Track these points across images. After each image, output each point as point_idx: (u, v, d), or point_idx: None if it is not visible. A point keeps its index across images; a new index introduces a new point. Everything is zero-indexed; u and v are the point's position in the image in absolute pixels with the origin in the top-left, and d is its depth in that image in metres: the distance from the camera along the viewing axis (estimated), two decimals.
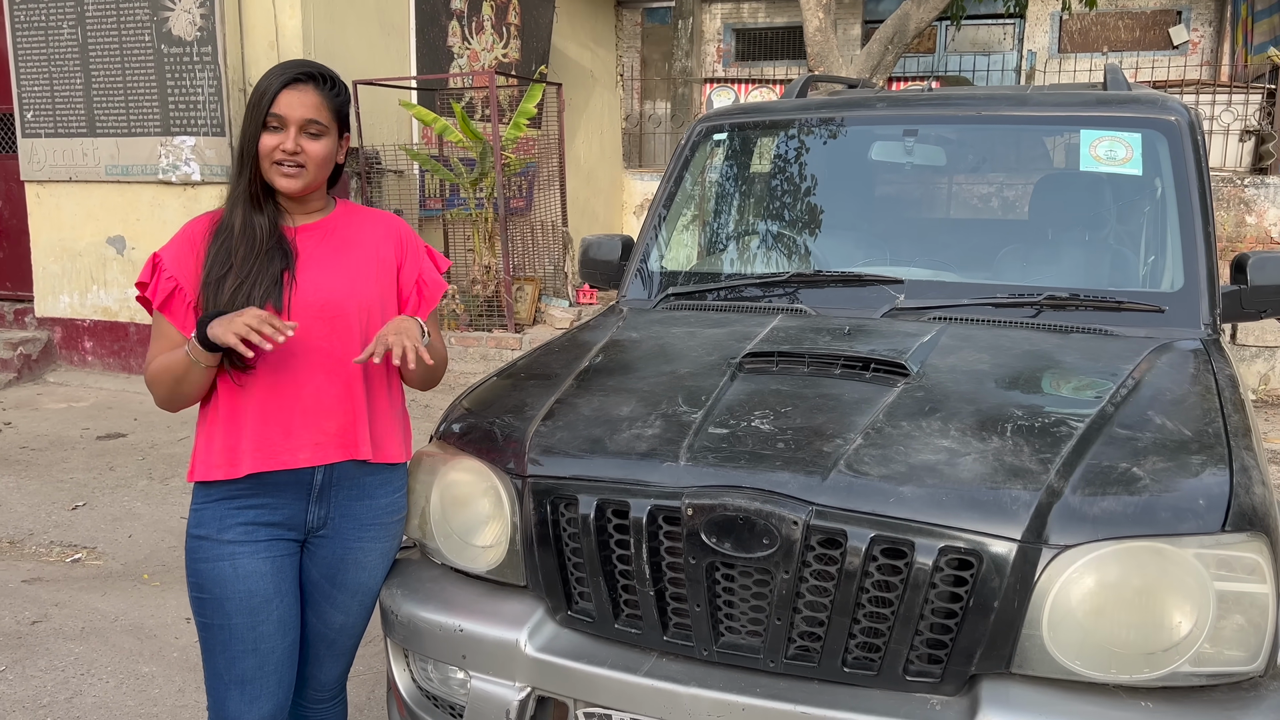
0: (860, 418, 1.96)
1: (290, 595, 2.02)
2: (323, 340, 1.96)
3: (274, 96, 1.91)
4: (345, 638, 2.17)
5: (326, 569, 2.08)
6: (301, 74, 1.94)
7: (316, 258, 2.00)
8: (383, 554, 2.14)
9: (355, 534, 2.07)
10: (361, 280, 2.02)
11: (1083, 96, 3.06)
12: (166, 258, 1.95)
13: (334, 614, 2.12)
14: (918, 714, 1.70)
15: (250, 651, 1.97)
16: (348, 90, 2.05)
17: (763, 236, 3.23)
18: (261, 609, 1.96)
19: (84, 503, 4.96)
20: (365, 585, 2.13)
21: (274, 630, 1.99)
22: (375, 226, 2.11)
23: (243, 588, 1.95)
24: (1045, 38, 11.80)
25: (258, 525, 1.97)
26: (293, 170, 1.94)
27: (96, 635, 3.56)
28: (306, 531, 2.04)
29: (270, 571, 1.97)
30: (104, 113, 7.20)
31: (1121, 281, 2.82)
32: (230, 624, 1.95)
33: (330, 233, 2.04)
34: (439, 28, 8.37)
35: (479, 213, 7.60)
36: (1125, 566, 1.66)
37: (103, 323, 7.57)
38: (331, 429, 1.98)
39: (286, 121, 1.92)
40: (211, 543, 1.96)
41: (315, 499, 2.01)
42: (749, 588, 1.82)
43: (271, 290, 1.92)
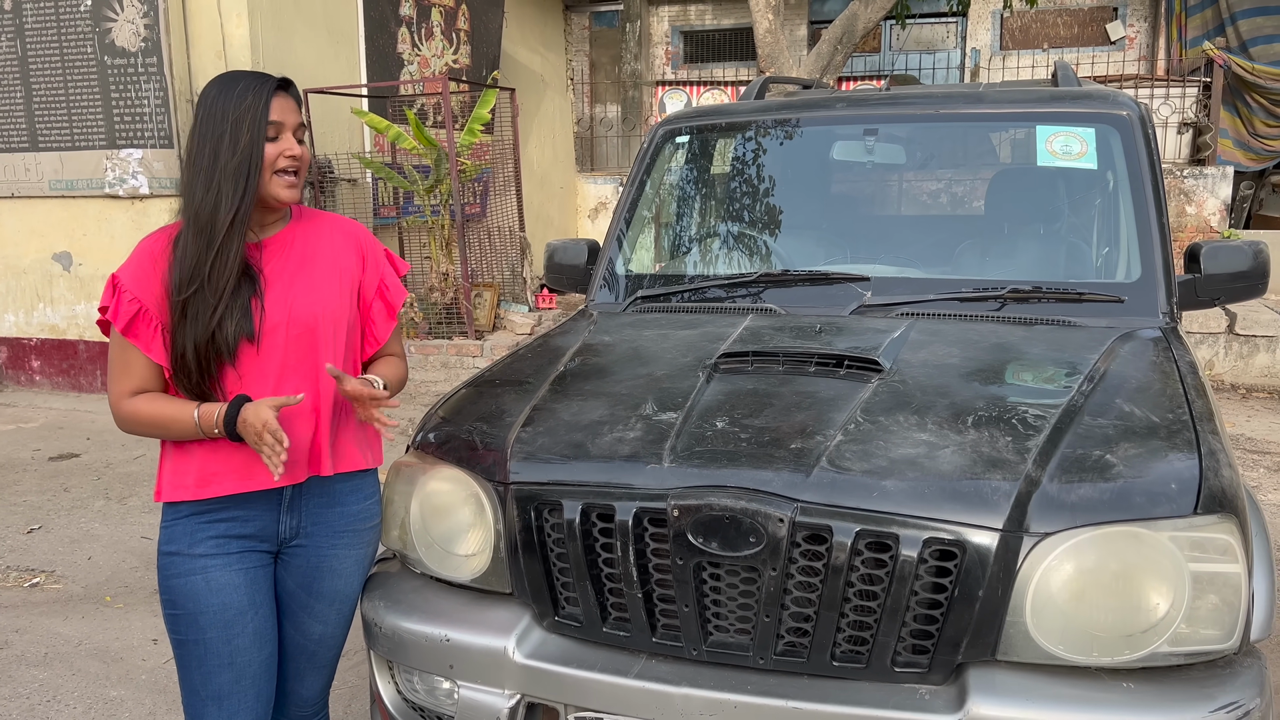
0: (838, 414, 1.99)
1: (265, 607, 1.99)
2: (287, 356, 1.94)
3: (268, 105, 1.87)
4: (325, 649, 2.14)
5: (302, 578, 2.05)
6: (284, 82, 1.93)
7: (282, 275, 1.96)
8: (358, 561, 2.11)
9: (329, 541, 2.05)
10: (327, 294, 2.00)
11: (1037, 93, 3.13)
12: (126, 278, 1.88)
13: (312, 624, 2.09)
14: (907, 704, 1.73)
15: (226, 666, 1.94)
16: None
17: (729, 238, 3.25)
18: (236, 621, 1.93)
19: (39, 525, 4.84)
20: (342, 593, 2.10)
21: (250, 643, 1.96)
22: (335, 234, 2.08)
23: (216, 601, 1.92)
24: (987, 35, 12.02)
25: (229, 538, 1.94)
26: (293, 179, 1.92)
27: (60, 660, 3.48)
28: (279, 542, 2.02)
29: (244, 584, 1.95)
30: (46, 126, 7.04)
31: (1081, 273, 2.88)
32: (205, 638, 1.92)
33: (291, 245, 2.00)
34: (388, 35, 8.30)
35: (435, 219, 7.55)
36: (1103, 551, 1.70)
37: (50, 341, 7.39)
38: (304, 446, 1.97)
39: (283, 127, 1.89)
40: (183, 557, 1.92)
41: (286, 509, 1.99)
42: (736, 586, 1.84)
43: (244, 322, 1.88)
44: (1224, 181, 9.19)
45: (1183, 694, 1.67)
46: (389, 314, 2.11)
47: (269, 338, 1.91)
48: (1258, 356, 7.38)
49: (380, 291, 2.10)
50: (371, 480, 2.13)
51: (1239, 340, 7.41)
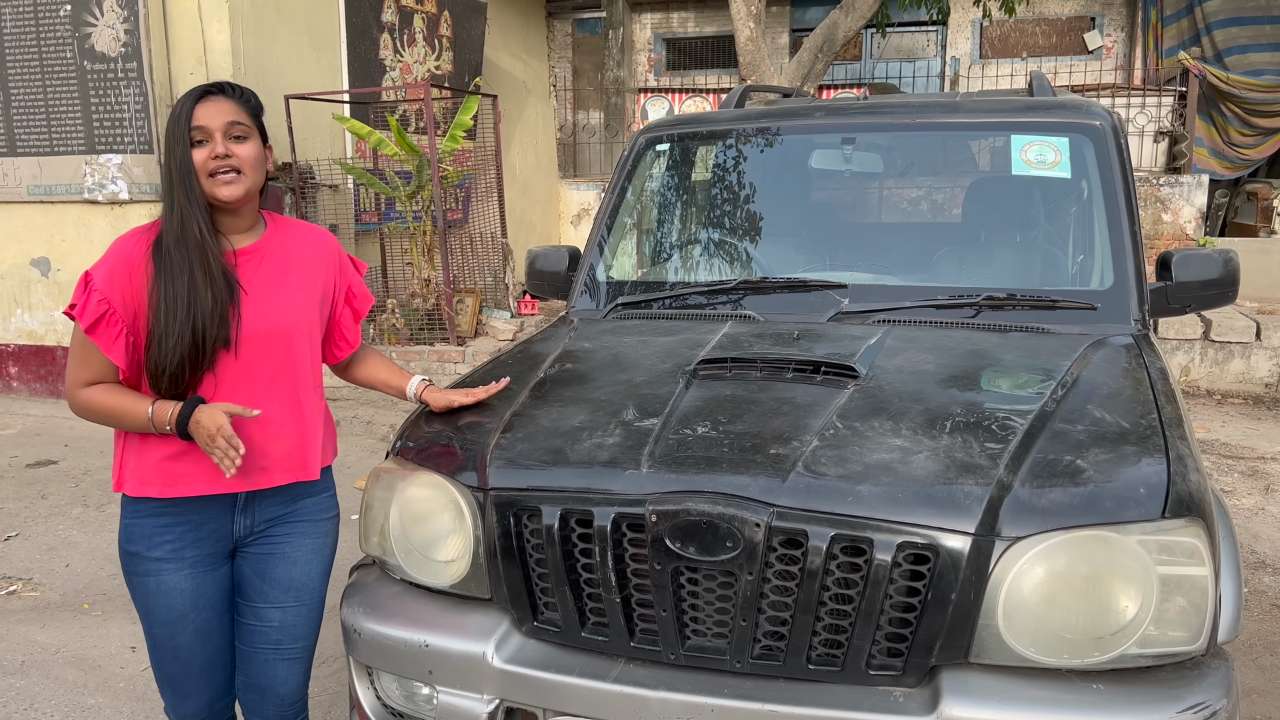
0: (815, 420, 2.01)
1: (209, 608, 2.09)
2: (268, 367, 2.00)
3: (190, 112, 1.93)
4: (289, 639, 2.17)
5: (256, 565, 2.12)
6: (213, 87, 1.97)
7: (258, 284, 2.01)
8: (313, 550, 2.17)
9: (282, 532, 2.13)
10: (303, 303, 2.07)
11: (1012, 103, 3.17)
12: (98, 278, 1.91)
13: (270, 611, 2.14)
14: (881, 707, 1.75)
15: (171, 659, 2.10)
16: (259, 100, 2.06)
17: (709, 245, 3.27)
18: (177, 622, 2.06)
19: (16, 533, 4.81)
20: (297, 580, 2.15)
21: (190, 640, 2.08)
22: (309, 244, 2.14)
23: (161, 603, 2.04)
24: (967, 44, 12.13)
25: (184, 544, 2.03)
26: (229, 176, 1.95)
27: (38, 668, 3.46)
28: (235, 541, 2.10)
29: (190, 588, 2.05)
30: (25, 131, 7.00)
31: (1055, 281, 2.92)
32: (154, 633, 2.09)
33: (267, 255, 2.05)
34: (370, 41, 8.30)
35: (417, 226, 7.54)
36: (1073, 555, 1.73)
37: (28, 347, 7.34)
38: (278, 453, 2.04)
39: (209, 131, 1.93)
40: (140, 559, 2.03)
41: (240, 511, 2.07)
42: (713, 590, 1.85)
43: (221, 330, 1.93)
44: (1199, 190, 9.30)
45: (1151, 695, 1.70)
46: (355, 319, 2.25)
47: (247, 346, 1.97)
48: (1232, 363, 7.47)
49: (349, 297, 2.22)
50: (325, 477, 2.21)
51: (1214, 346, 7.50)
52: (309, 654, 2.22)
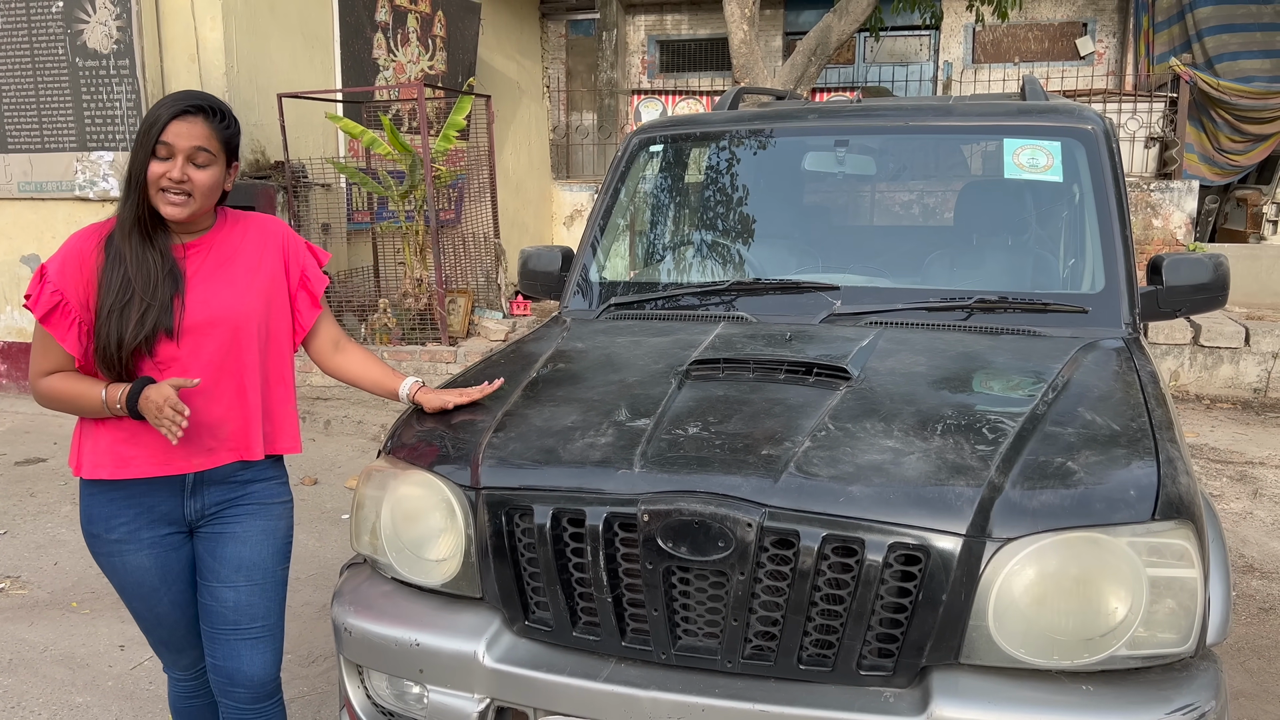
0: (807, 421, 2.02)
1: (180, 581, 2.19)
2: (214, 353, 2.07)
3: (164, 125, 1.97)
4: (246, 619, 2.19)
5: (208, 544, 2.18)
6: (192, 105, 2.00)
7: (203, 275, 2.09)
8: (264, 531, 2.21)
9: (233, 514, 2.18)
10: (246, 291, 2.12)
11: (1005, 107, 3.18)
12: (52, 270, 2.00)
13: (223, 590, 2.18)
14: (871, 707, 1.75)
15: (155, 626, 2.24)
16: (238, 124, 2.11)
17: (702, 246, 3.28)
18: (151, 595, 2.17)
19: (5, 531, 4.78)
20: (248, 560, 2.18)
21: (169, 610, 2.20)
22: (256, 233, 2.20)
23: (131, 580, 2.15)
24: (960, 49, 12.17)
25: (139, 525, 2.11)
26: (179, 199, 2.00)
27: (25, 667, 3.44)
28: (188, 523, 2.17)
29: (154, 566, 2.14)
30: (16, 128, 6.97)
31: (1046, 284, 2.93)
32: (133, 605, 2.21)
33: (213, 247, 2.13)
34: (364, 40, 8.28)
35: (409, 225, 7.53)
36: (1064, 557, 1.73)
37: (17, 344, 7.31)
38: (223, 435, 2.12)
39: (175, 150, 1.98)
40: (102, 540, 2.13)
41: (189, 494, 2.14)
42: (705, 590, 1.85)
43: (164, 317, 2.01)
44: (1190, 195, 9.34)
45: (1140, 696, 1.71)
46: (313, 303, 2.28)
47: (190, 333, 2.04)
48: (1221, 368, 7.51)
49: (303, 283, 2.25)
50: (275, 465, 2.27)
51: (1204, 351, 7.53)
52: (273, 635, 2.23)
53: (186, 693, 2.36)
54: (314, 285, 2.26)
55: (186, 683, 2.35)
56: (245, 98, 7.04)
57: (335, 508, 5.10)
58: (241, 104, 7.01)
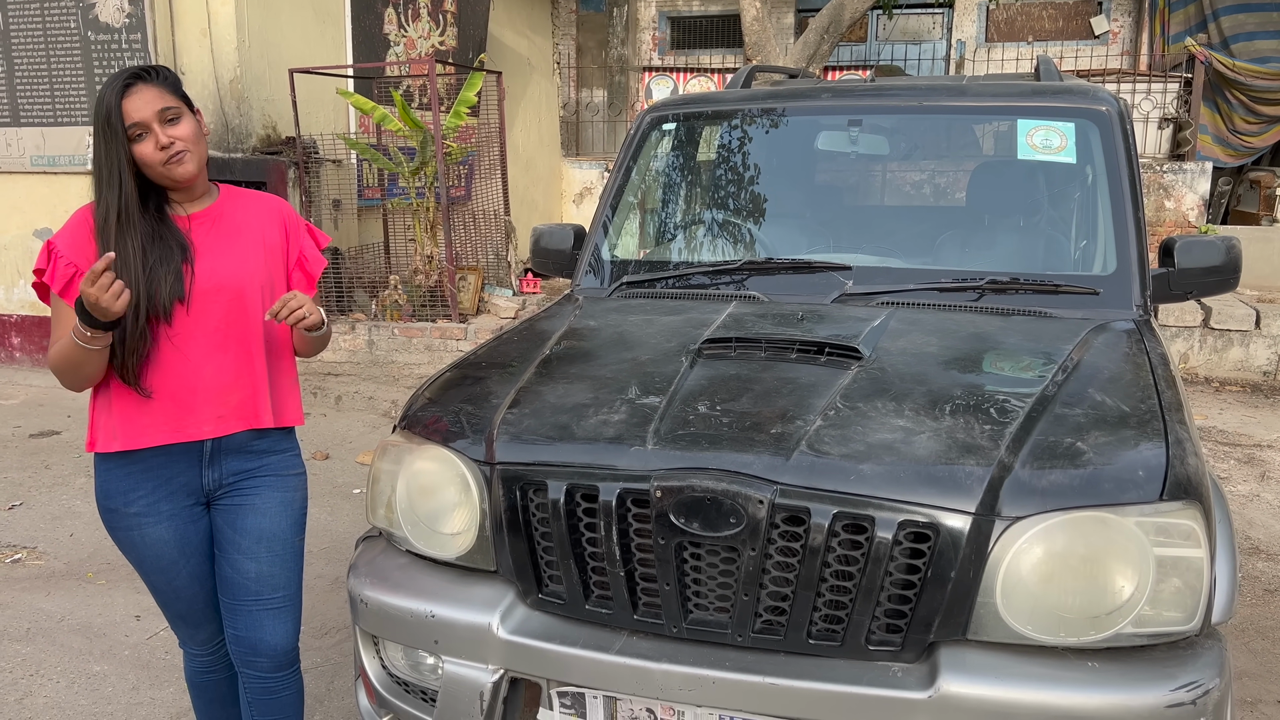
0: (818, 400, 2.03)
1: (198, 554, 2.22)
2: (221, 321, 2.11)
3: (120, 110, 1.98)
4: (268, 589, 2.23)
5: (228, 516, 2.22)
6: (129, 78, 2.02)
7: (210, 245, 2.13)
8: (282, 503, 2.25)
9: (251, 486, 2.22)
10: (252, 263, 2.17)
11: (1019, 87, 3.17)
12: (62, 244, 2.05)
13: (244, 561, 2.21)
14: (880, 681, 1.78)
15: (174, 599, 2.26)
16: (172, 74, 2.11)
17: (714, 225, 3.29)
18: (170, 568, 2.20)
19: (20, 502, 4.84)
20: (268, 531, 2.22)
21: (188, 583, 2.23)
22: (260, 209, 2.25)
23: (150, 554, 2.18)
24: (973, 27, 12.08)
25: (158, 498, 2.14)
26: (179, 156, 2.04)
27: (43, 636, 3.50)
28: (206, 494, 2.20)
29: (173, 539, 2.17)
30: (28, 102, 6.98)
31: (1058, 265, 2.94)
32: (151, 580, 2.23)
33: (219, 219, 2.17)
34: (375, 15, 8.26)
35: (420, 202, 7.54)
36: (1071, 536, 1.75)
37: (31, 318, 7.36)
38: (233, 402, 2.15)
39: (146, 123, 2.00)
40: (120, 514, 2.15)
41: (207, 464, 2.17)
42: (716, 565, 1.88)
43: (175, 283, 2.05)
44: (1203, 177, 9.30)
45: (1145, 673, 1.73)
46: (309, 283, 2.31)
47: (199, 302, 2.08)
48: (1231, 350, 7.50)
49: (300, 262, 2.29)
50: (289, 437, 2.31)
51: (1214, 334, 7.52)
52: (293, 604, 2.28)
53: (203, 668, 2.40)
54: (311, 266, 2.30)
55: (203, 658, 2.39)
56: (257, 73, 7.04)
57: (346, 482, 5.14)
58: (253, 79, 7.01)
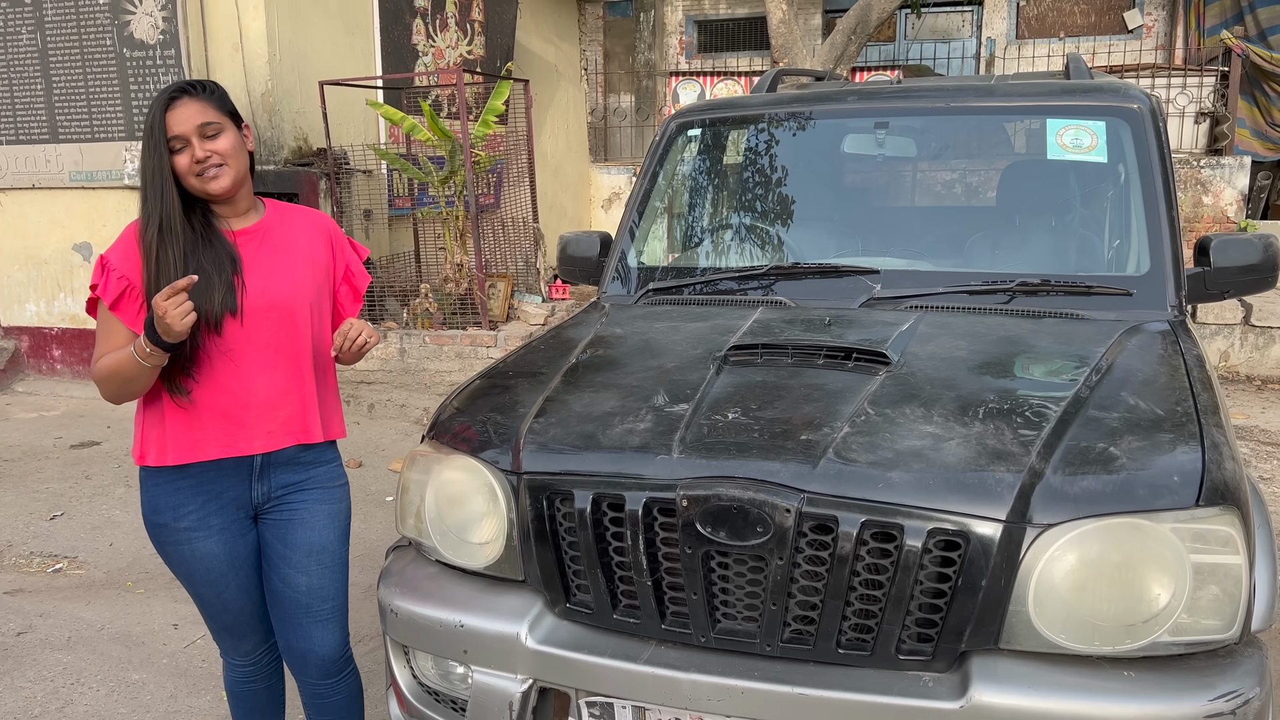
0: (845, 406, 2.02)
1: (246, 566, 2.25)
2: (271, 338, 2.13)
3: (163, 121, 2.04)
4: (317, 601, 2.25)
5: (277, 530, 2.24)
6: (175, 91, 2.07)
7: (259, 261, 2.15)
8: (330, 515, 2.27)
9: (299, 499, 2.24)
10: (301, 279, 2.19)
11: (1048, 86, 3.13)
12: (114, 259, 2.08)
13: (294, 575, 2.24)
14: (911, 691, 1.76)
15: (221, 612, 2.28)
16: (219, 88, 2.14)
17: (739, 230, 3.28)
18: (220, 581, 2.22)
19: (62, 512, 4.92)
20: (317, 544, 2.24)
21: (236, 595, 2.26)
22: (306, 226, 2.27)
23: (200, 567, 2.20)
24: (1003, 24, 11.95)
25: (208, 512, 2.16)
26: (215, 170, 2.07)
27: (84, 644, 3.55)
28: (255, 507, 2.22)
29: (223, 553, 2.20)
30: (66, 118, 7.12)
31: (1090, 266, 2.90)
32: (199, 592, 2.25)
33: (267, 236, 2.19)
34: (403, 26, 8.33)
35: (449, 211, 7.58)
36: (1105, 543, 1.73)
37: (71, 330, 7.49)
38: (282, 417, 2.17)
39: (185, 136, 2.04)
40: (169, 529, 2.17)
41: (257, 478, 2.19)
42: (744, 574, 1.87)
43: (228, 295, 2.08)
44: (1241, 172, 9.13)
45: (1183, 683, 1.70)
46: (355, 297, 2.34)
47: (251, 318, 2.11)
48: (1273, 348, 7.35)
49: (347, 277, 2.32)
50: (332, 448, 2.34)
51: (1255, 332, 7.38)
52: (341, 614, 2.31)
53: (245, 678, 2.42)
54: (357, 281, 2.34)
55: (245, 668, 2.41)
56: (288, 85, 7.13)
57: (379, 490, 5.18)
58: (284, 92, 7.09)
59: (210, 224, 2.12)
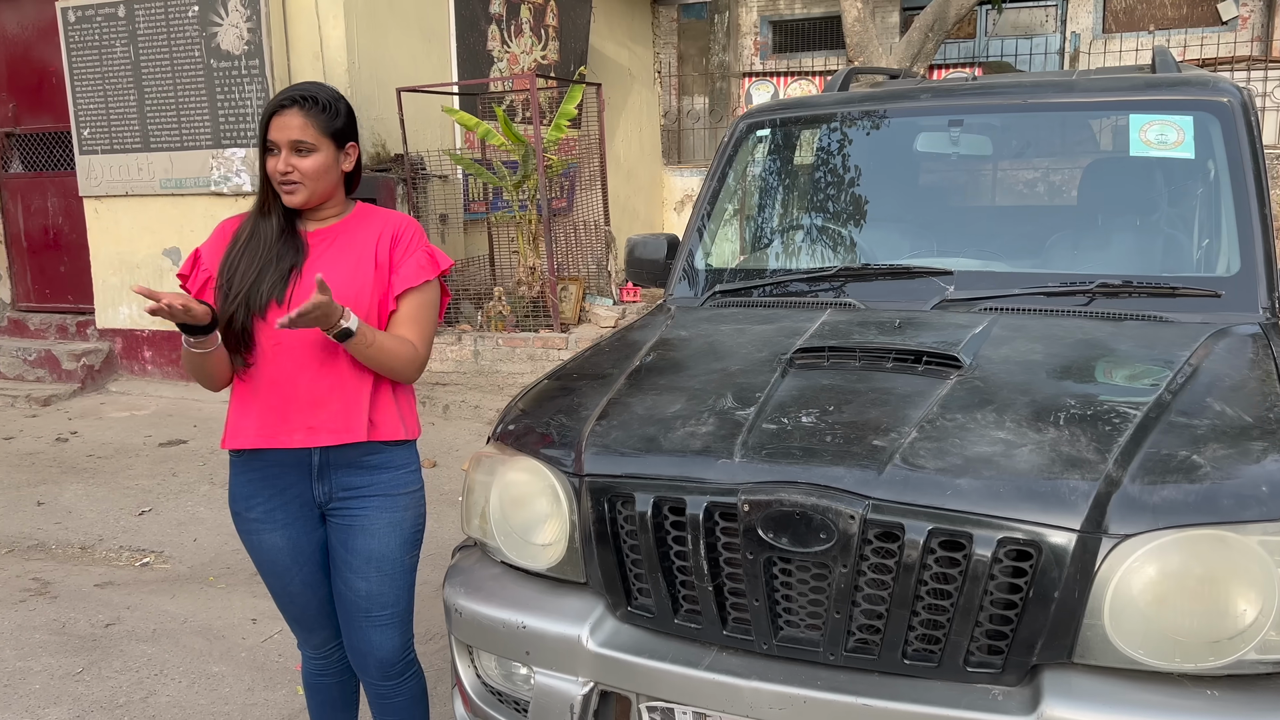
0: (914, 411, 1.97)
1: (310, 562, 2.30)
2: (320, 335, 2.13)
3: (266, 124, 2.12)
4: (377, 607, 2.27)
5: (340, 535, 2.26)
6: (287, 99, 2.11)
7: (323, 258, 2.21)
8: (391, 524, 2.25)
9: (360, 505, 2.24)
10: (359, 277, 2.19)
11: (1131, 80, 3.03)
12: (205, 252, 2.22)
13: (355, 580, 2.26)
14: (979, 705, 1.71)
15: (289, 604, 2.36)
16: (337, 106, 2.16)
17: (809, 231, 3.23)
18: (285, 575, 2.30)
19: (150, 508, 5.10)
20: (377, 552, 2.25)
21: (301, 590, 2.32)
22: (377, 226, 2.26)
23: (266, 558, 2.29)
24: (1089, 18, 11.61)
25: (274, 506, 2.24)
26: (290, 187, 2.14)
27: (167, 637, 3.67)
28: (319, 506, 2.26)
29: (287, 547, 2.26)
30: (157, 128, 7.38)
31: (1175, 267, 2.78)
32: (268, 582, 2.35)
33: (337, 236, 2.24)
34: (479, 33, 8.45)
35: (522, 214, 7.66)
36: (1187, 555, 1.65)
37: (161, 332, 7.76)
38: (325, 415, 2.17)
39: (278, 144, 2.11)
40: (241, 519, 2.28)
41: (316, 477, 2.22)
42: (807, 581, 1.84)
43: (278, 284, 2.14)
44: None
45: (1271, 704, 1.61)
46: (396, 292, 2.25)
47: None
48: None
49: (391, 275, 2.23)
50: (406, 451, 2.29)
51: None
52: (401, 619, 2.32)
53: (318, 670, 2.48)
54: (398, 281, 2.21)
55: (317, 660, 2.47)
56: (366, 93, 7.28)
57: (453, 490, 5.25)
58: (362, 99, 7.25)
59: (293, 220, 2.21)
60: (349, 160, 2.22)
